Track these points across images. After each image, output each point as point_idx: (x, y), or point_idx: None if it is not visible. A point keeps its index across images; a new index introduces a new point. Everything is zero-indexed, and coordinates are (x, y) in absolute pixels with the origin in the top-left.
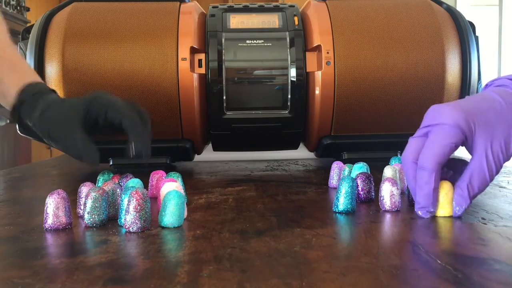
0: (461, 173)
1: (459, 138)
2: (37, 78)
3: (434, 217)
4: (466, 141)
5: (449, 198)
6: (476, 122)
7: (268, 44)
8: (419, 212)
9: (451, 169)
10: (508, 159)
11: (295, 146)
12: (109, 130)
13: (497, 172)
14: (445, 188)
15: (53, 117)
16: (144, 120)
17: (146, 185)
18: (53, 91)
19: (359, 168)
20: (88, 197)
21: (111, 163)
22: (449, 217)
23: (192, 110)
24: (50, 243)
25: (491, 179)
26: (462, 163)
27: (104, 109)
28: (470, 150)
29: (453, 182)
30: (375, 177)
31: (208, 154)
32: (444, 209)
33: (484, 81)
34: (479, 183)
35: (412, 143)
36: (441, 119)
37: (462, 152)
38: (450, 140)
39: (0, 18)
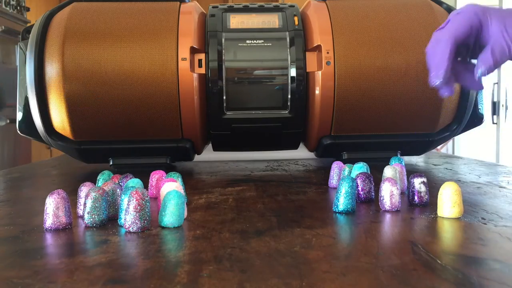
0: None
1: (474, 21)
2: None
3: (434, 217)
4: (481, 30)
5: (457, 199)
6: (492, 13)
7: (268, 44)
8: (432, 81)
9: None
10: None
11: (295, 146)
12: None
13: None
14: (453, 189)
15: None
16: None
17: (146, 185)
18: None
19: (359, 168)
20: (88, 197)
21: (111, 163)
22: (451, 218)
23: (192, 110)
24: (50, 243)
25: (510, 52)
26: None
27: None
28: (485, 37)
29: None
30: (375, 177)
31: (208, 154)
32: (452, 210)
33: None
34: (500, 52)
35: (435, 35)
36: (460, 10)
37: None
38: (467, 21)
39: None
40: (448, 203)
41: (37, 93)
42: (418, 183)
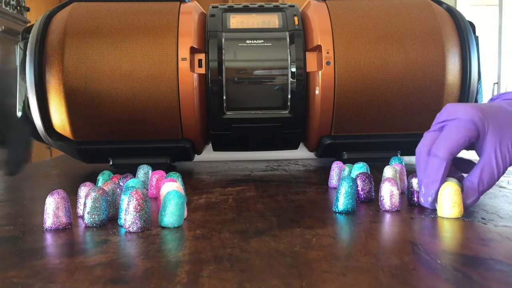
0: (468, 171)
1: (473, 133)
2: None
3: (434, 217)
4: (477, 140)
5: (457, 199)
6: (490, 122)
7: (268, 44)
8: (422, 200)
9: (459, 170)
10: None
11: (295, 146)
12: None
13: (504, 171)
14: (453, 189)
15: None
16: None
17: (146, 185)
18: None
19: (359, 168)
20: (88, 197)
21: (111, 163)
22: (451, 218)
23: (192, 110)
24: (50, 243)
25: (499, 177)
26: (470, 164)
27: None
28: (480, 149)
29: (460, 181)
30: (375, 177)
31: (208, 154)
32: (452, 210)
33: (484, 82)
34: (488, 178)
35: (427, 137)
36: (457, 115)
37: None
38: (465, 133)
39: None
40: (448, 203)
41: (37, 93)
42: (416, 183)
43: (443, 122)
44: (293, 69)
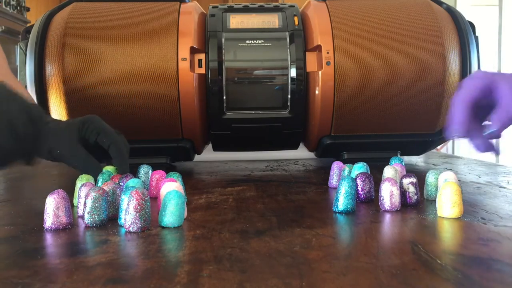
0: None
1: (483, 85)
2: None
3: (434, 217)
4: (491, 93)
5: (457, 199)
6: (499, 78)
7: (268, 44)
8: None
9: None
10: None
11: (295, 146)
12: (96, 151)
13: None
14: (453, 189)
15: (53, 137)
16: (127, 149)
17: (146, 185)
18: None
19: (359, 168)
20: (88, 197)
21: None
22: (451, 218)
23: (192, 110)
24: (50, 243)
25: None
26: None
27: (96, 131)
28: (496, 99)
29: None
30: (375, 177)
31: (208, 154)
32: (452, 210)
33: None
34: (506, 118)
35: (455, 95)
36: (470, 76)
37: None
38: (477, 86)
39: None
40: (448, 203)
41: (37, 93)
42: (407, 183)
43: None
44: (293, 69)
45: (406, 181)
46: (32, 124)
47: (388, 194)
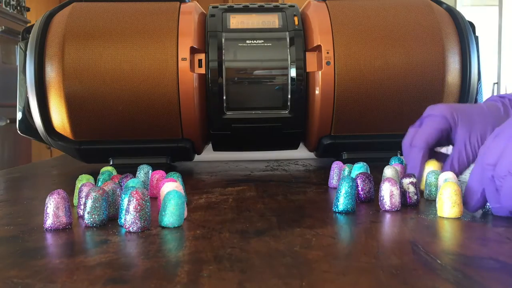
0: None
1: (444, 125)
2: None
3: (434, 217)
4: (451, 132)
5: (457, 199)
6: (460, 116)
7: (268, 44)
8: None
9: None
10: None
11: (295, 146)
12: None
13: (474, 158)
14: (453, 189)
15: None
16: None
17: (146, 185)
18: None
19: (359, 168)
20: (88, 197)
21: (111, 163)
22: (451, 218)
23: (192, 110)
24: (50, 243)
25: (469, 163)
26: (447, 156)
27: None
28: (454, 139)
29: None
30: (375, 177)
31: (208, 154)
32: (452, 210)
33: (484, 82)
34: (461, 164)
35: (410, 132)
36: (432, 112)
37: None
38: (437, 125)
39: None
40: (448, 203)
41: (37, 93)
42: (407, 183)
43: (422, 119)
44: (293, 69)
45: (406, 181)
46: None
47: (388, 194)
